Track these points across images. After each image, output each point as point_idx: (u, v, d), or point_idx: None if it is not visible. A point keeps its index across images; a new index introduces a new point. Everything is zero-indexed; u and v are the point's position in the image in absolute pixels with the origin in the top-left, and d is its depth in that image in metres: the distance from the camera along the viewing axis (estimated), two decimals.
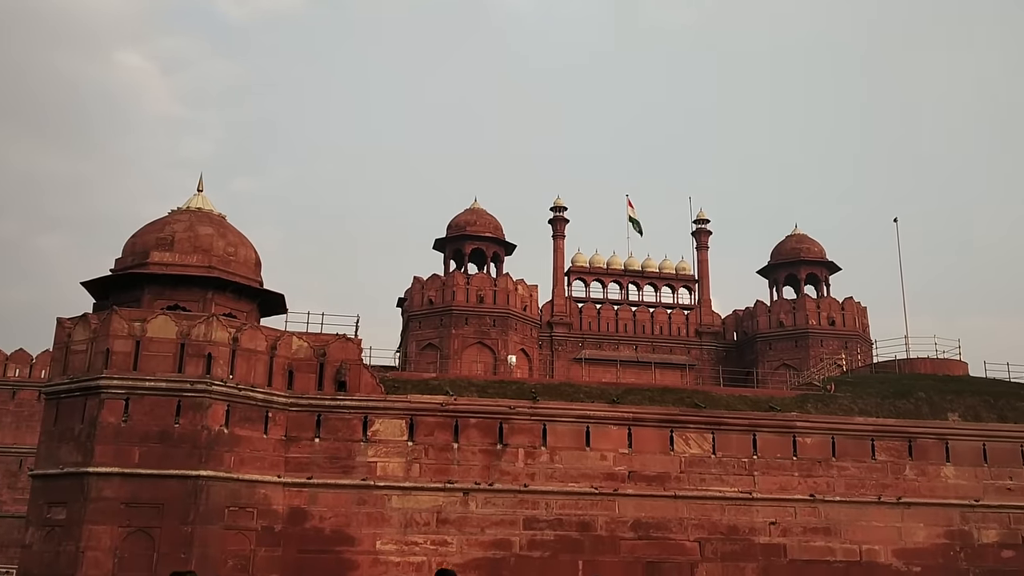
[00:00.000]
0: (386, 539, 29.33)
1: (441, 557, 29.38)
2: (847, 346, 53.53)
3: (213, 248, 32.16)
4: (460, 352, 50.33)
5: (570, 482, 30.89)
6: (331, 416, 30.18)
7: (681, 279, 59.82)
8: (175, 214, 33.25)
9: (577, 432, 31.53)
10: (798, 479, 32.32)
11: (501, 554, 29.86)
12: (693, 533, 31.16)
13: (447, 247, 54.97)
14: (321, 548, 28.85)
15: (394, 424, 30.50)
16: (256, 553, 28.03)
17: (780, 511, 31.84)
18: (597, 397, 32.84)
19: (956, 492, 33.13)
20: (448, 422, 30.87)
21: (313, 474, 29.40)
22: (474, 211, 55.40)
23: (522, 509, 30.39)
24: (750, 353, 55.78)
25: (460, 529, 29.85)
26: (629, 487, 31.18)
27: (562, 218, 58.18)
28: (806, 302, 55.24)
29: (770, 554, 31.33)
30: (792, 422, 32.98)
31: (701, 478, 31.80)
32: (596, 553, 30.34)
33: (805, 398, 34.99)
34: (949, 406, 35.25)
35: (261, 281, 33.58)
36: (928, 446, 33.53)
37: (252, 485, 28.42)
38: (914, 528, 32.46)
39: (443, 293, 51.84)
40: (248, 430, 28.76)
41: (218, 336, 28.81)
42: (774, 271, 58.17)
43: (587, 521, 30.63)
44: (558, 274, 57.52)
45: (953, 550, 32.47)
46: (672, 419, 32.24)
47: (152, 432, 27.47)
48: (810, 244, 57.94)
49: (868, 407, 34.63)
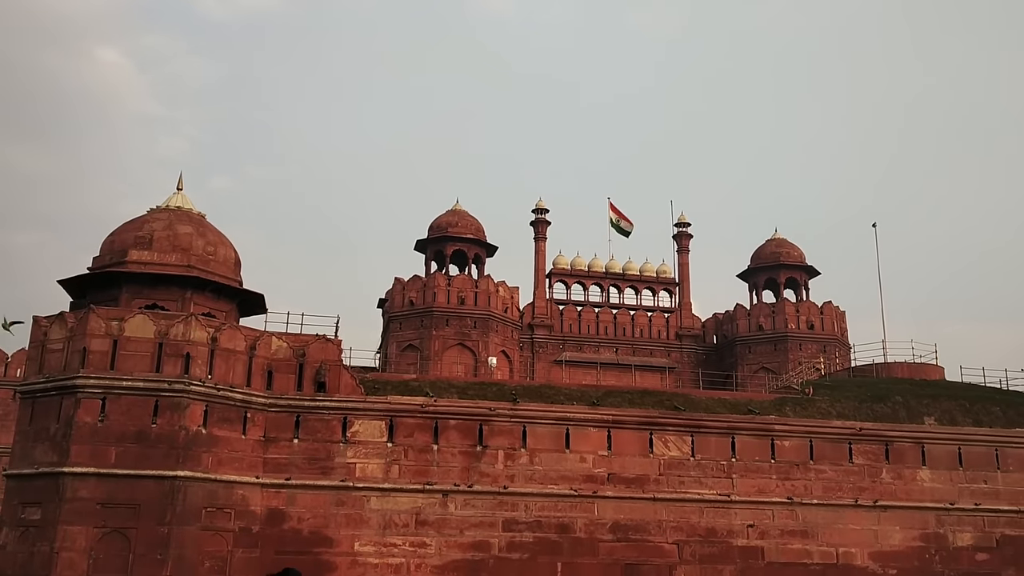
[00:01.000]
0: (365, 540, 29.24)
1: (420, 559, 29.36)
2: (825, 350, 53.88)
3: (192, 247, 31.97)
4: (441, 353, 50.26)
5: (549, 484, 30.92)
6: (310, 417, 30.05)
7: (662, 282, 60.02)
8: (154, 212, 33.01)
9: (557, 434, 31.56)
10: (776, 482, 32.49)
11: (480, 556, 29.84)
12: (671, 535, 31.26)
13: (428, 248, 54.91)
14: (299, 549, 28.70)
15: (374, 425, 30.41)
16: (233, 554, 27.85)
17: (758, 514, 32.00)
18: (577, 399, 32.89)
19: (932, 495, 33.41)
20: (428, 423, 30.82)
21: (292, 475, 29.26)
22: (456, 212, 55.37)
23: (501, 511, 30.38)
24: (730, 356, 56.04)
25: (439, 531, 29.80)
26: (608, 489, 31.25)
27: (544, 220, 58.25)
28: (785, 306, 55.57)
29: (748, 556, 31.48)
30: (770, 425, 33.15)
31: (680, 480, 31.91)
32: (575, 555, 30.38)
33: (784, 401, 35.19)
34: (926, 410, 35.56)
35: (241, 281, 33.40)
36: (905, 449, 33.81)
37: (230, 486, 28.24)
38: (890, 531, 32.71)
39: (424, 294, 51.77)
40: (226, 430, 28.58)
41: (197, 336, 28.63)
42: (754, 275, 58.48)
43: (566, 523, 30.66)
44: (539, 276, 57.59)
45: (928, 553, 32.75)
46: (652, 421, 32.34)
47: (129, 432, 27.25)
48: (790, 248, 58.30)
49: (846, 410, 34.89)
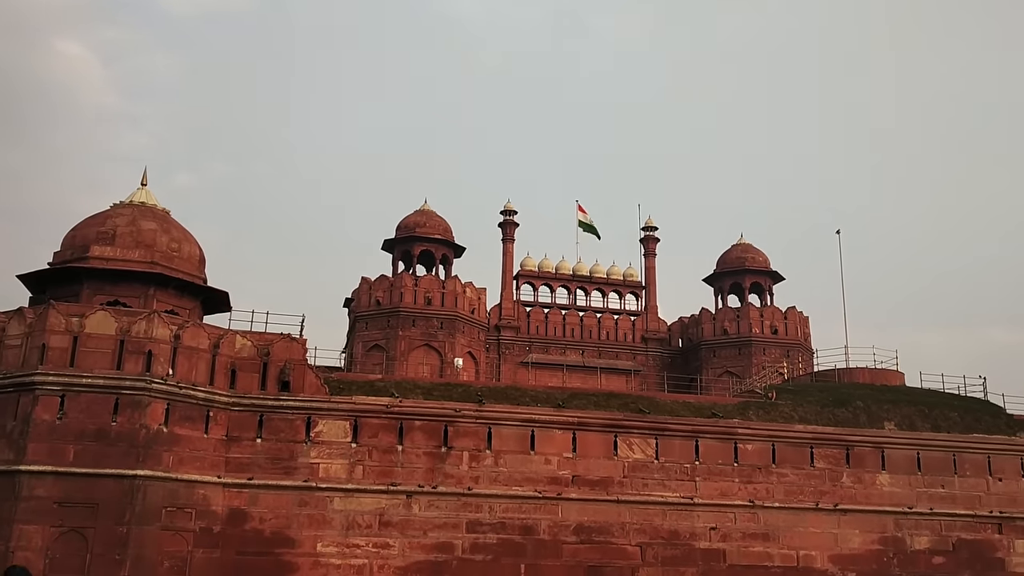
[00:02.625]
0: (327, 541, 29.06)
1: (383, 560, 29.24)
2: (789, 355, 54.35)
3: (156, 243, 31.63)
4: (407, 354, 50.06)
5: (514, 486, 30.93)
6: (274, 416, 29.82)
7: (628, 285, 60.28)
8: (117, 208, 32.62)
9: (522, 436, 31.58)
10: (739, 485, 32.77)
11: (443, 557, 29.77)
12: (635, 538, 31.41)
13: (396, 248, 54.67)
14: (260, 550, 28.46)
15: (338, 425, 30.24)
16: (193, 555, 27.56)
17: (720, 516, 32.26)
18: (543, 401, 32.96)
19: (891, 499, 33.90)
20: (393, 424, 30.71)
21: (254, 475, 29.01)
22: (424, 212, 55.17)
23: (465, 512, 30.35)
24: (695, 360, 56.40)
25: (403, 532, 29.70)
26: (572, 491, 31.33)
27: (512, 222, 58.27)
28: (750, 311, 56.04)
29: (710, 559, 31.72)
30: (734, 429, 33.44)
31: (644, 483, 32.07)
32: (538, 557, 30.42)
33: (747, 405, 35.51)
34: (886, 415, 36.07)
35: (205, 278, 33.09)
36: (865, 454, 34.26)
37: (191, 485, 27.93)
38: (850, 534, 33.13)
39: (391, 294, 51.53)
40: (188, 429, 28.27)
41: (159, 333, 28.30)
42: (719, 279, 58.91)
43: (530, 525, 30.70)
44: (507, 278, 57.56)
45: (887, 556, 33.22)
46: (616, 424, 32.48)
47: (88, 430, 26.88)
48: (755, 254, 58.79)
49: (808, 415, 35.28)
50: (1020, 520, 34.83)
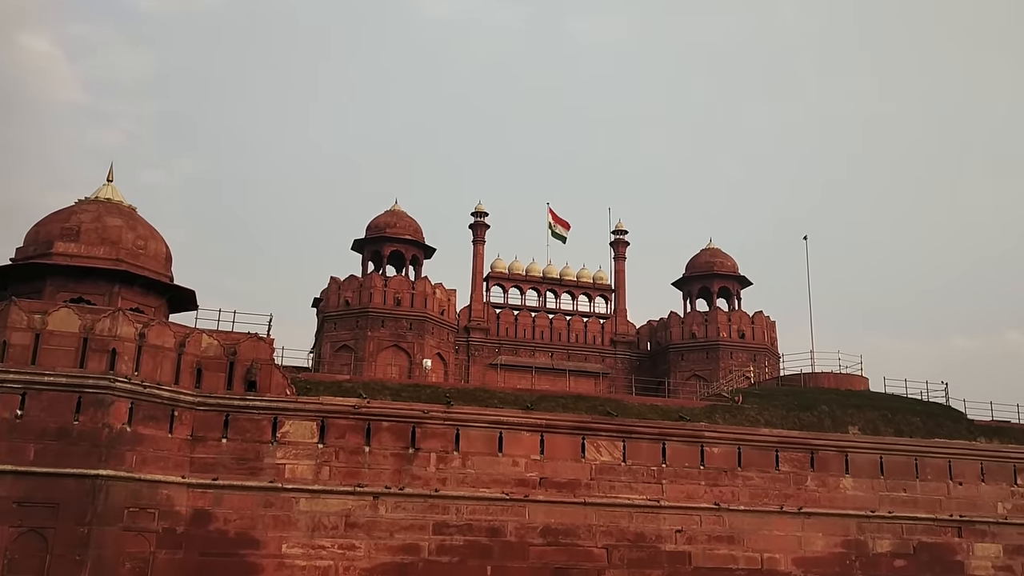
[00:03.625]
0: (292, 543, 28.87)
1: (348, 561, 29.10)
2: (756, 359, 54.84)
3: (122, 240, 31.25)
4: (375, 355, 49.84)
5: (481, 487, 30.92)
6: (240, 416, 29.58)
7: (598, 288, 60.45)
8: (83, 204, 32.21)
9: (490, 437, 31.58)
10: (704, 488, 33.00)
11: (410, 559, 29.68)
12: (601, 540, 31.50)
13: (366, 248, 54.43)
14: (225, 551, 28.21)
15: (305, 426, 30.06)
16: (156, 556, 27.25)
17: (686, 519, 32.46)
18: (511, 403, 32.96)
19: (854, 503, 34.30)
20: (360, 425, 30.57)
21: (219, 475, 28.75)
22: (394, 213, 54.97)
23: (432, 514, 30.28)
24: (663, 363, 56.68)
25: (369, 533, 29.56)
26: (540, 493, 31.36)
27: (483, 223, 58.24)
28: (718, 315, 56.42)
29: (675, 561, 31.90)
30: (700, 432, 33.66)
31: (611, 485, 32.19)
32: (505, 559, 30.42)
33: (714, 409, 35.75)
34: (850, 419, 36.47)
35: (171, 276, 32.76)
36: (829, 458, 34.64)
37: (154, 485, 27.61)
38: (813, 537, 33.47)
39: (360, 294, 51.29)
40: (152, 429, 27.95)
41: (124, 331, 27.97)
42: (688, 283, 59.28)
43: (497, 527, 30.69)
44: (477, 279, 57.53)
45: (849, 559, 33.60)
46: (584, 426, 32.57)
47: (50, 429, 26.47)
48: (723, 258, 59.23)
49: (773, 419, 35.59)
50: (979, 524, 35.39)
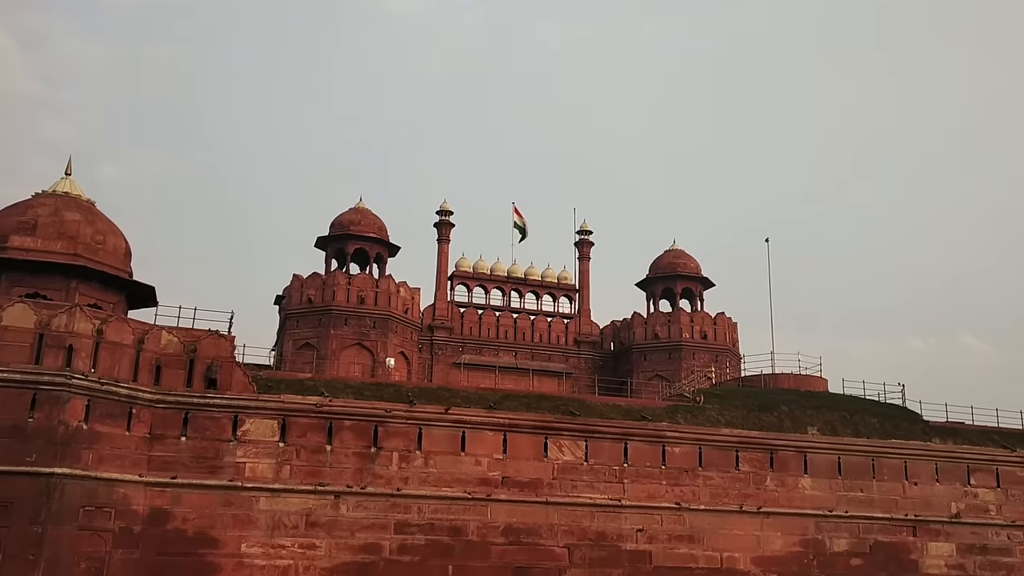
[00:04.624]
0: (252, 542, 28.63)
1: (309, 561, 28.91)
2: (717, 359, 55.32)
3: (80, 235, 30.81)
4: (338, 353, 49.53)
5: (444, 487, 30.87)
6: (199, 414, 29.26)
7: (562, 288, 60.61)
8: (39, 197, 31.71)
9: (453, 437, 31.55)
10: (666, 487, 33.24)
11: (371, 558, 29.56)
12: (563, 539, 31.61)
13: (329, 246, 54.06)
14: (182, 550, 27.89)
15: (265, 424, 29.82)
16: (112, 555, 26.86)
17: (647, 518, 32.67)
18: (474, 402, 32.94)
19: (812, 502, 34.74)
20: (322, 424, 30.39)
21: (177, 474, 28.42)
22: (359, 210, 54.65)
23: (394, 513, 30.18)
24: (626, 363, 56.97)
25: (330, 532, 29.40)
26: (502, 493, 31.39)
27: (448, 222, 58.12)
28: (680, 316, 56.83)
29: (636, 560, 32.09)
30: (662, 432, 33.90)
31: (573, 485, 32.30)
32: (467, 558, 30.40)
33: (675, 409, 36.01)
34: (809, 420, 36.93)
35: (130, 272, 32.35)
36: (788, 458, 35.06)
37: (111, 484, 27.21)
38: (772, 537, 33.86)
39: (323, 292, 50.95)
40: (109, 426, 27.55)
41: (81, 327, 27.53)
42: (651, 284, 59.63)
43: (459, 526, 30.66)
44: (441, 278, 57.38)
45: (807, 558, 34.03)
46: (547, 426, 32.65)
47: (3, 426, 26.00)
48: (687, 260, 59.67)
49: (734, 419, 35.93)
50: (934, 523, 36.03)
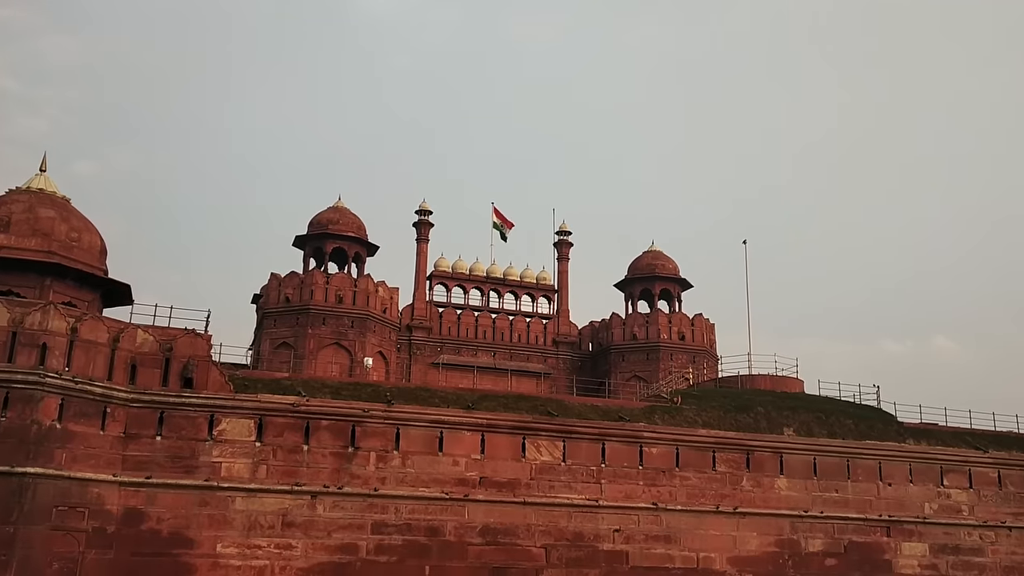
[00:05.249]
0: (228, 542, 28.45)
1: (285, 561, 28.77)
2: (695, 360, 55.55)
3: (54, 232, 30.53)
4: (316, 352, 49.33)
5: (421, 487, 30.82)
6: (175, 414, 29.04)
7: (541, 289, 60.66)
8: (13, 194, 31.40)
9: (430, 437, 31.50)
10: (643, 488, 33.35)
11: (347, 558, 29.46)
12: (540, 539, 31.64)
13: (307, 245, 53.82)
14: (157, 551, 27.68)
15: (242, 424, 29.64)
16: (85, 556, 26.63)
17: (624, 519, 32.76)
18: (453, 402, 32.92)
19: (787, 503, 34.98)
20: (299, 423, 30.25)
21: (152, 473, 28.20)
22: (337, 209, 54.46)
23: (371, 513, 30.09)
24: (604, 364, 57.11)
25: (306, 533, 29.27)
26: (480, 493, 31.38)
27: (427, 222, 58.02)
28: (659, 317, 57.03)
29: (613, 561, 32.18)
30: (639, 432, 34.01)
31: (550, 485, 32.35)
32: (444, 558, 30.37)
33: (653, 409, 36.14)
34: (785, 421, 37.19)
35: (106, 270, 32.08)
36: (764, 459, 35.27)
37: (84, 484, 26.97)
38: (748, 537, 34.05)
39: (301, 291, 50.73)
40: (83, 426, 27.30)
41: (55, 325, 27.27)
42: (630, 285, 59.82)
43: (436, 526, 30.63)
44: (420, 278, 57.29)
45: (782, 558, 34.26)
46: (525, 426, 32.68)
47: None
48: (665, 261, 59.90)
49: (711, 420, 36.11)
50: (907, 524, 36.38)
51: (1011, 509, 38.11)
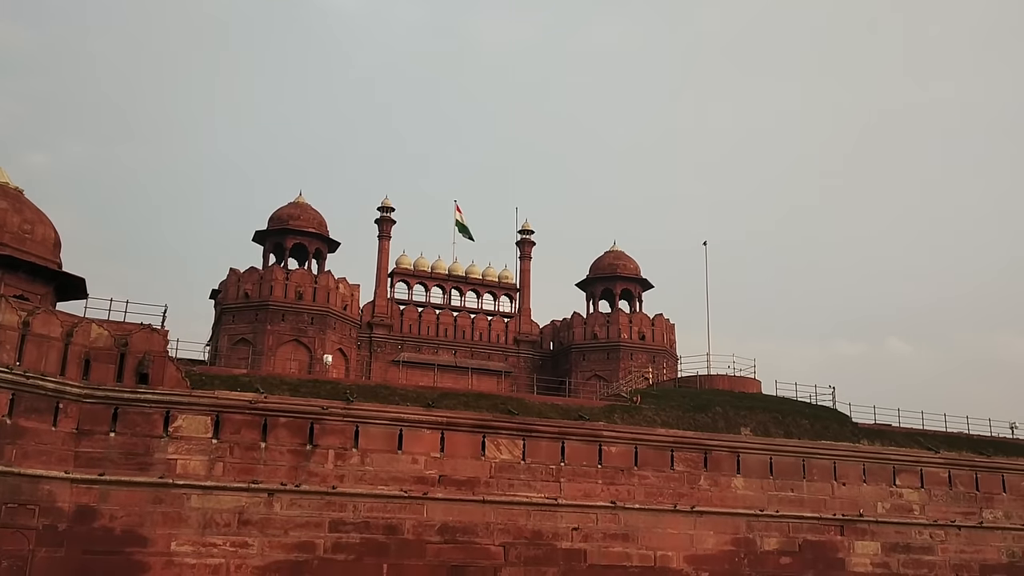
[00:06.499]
0: (182, 540, 28.08)
1: (240, 559, 28.47)
2: (655, 360, 55.98)
3: (6, 224, 29.92)
4: (275, 349, 48.95)
5: (380, 485, 30.67)
6: (130, 410, 28.60)
7: (503, 287, 60.73)
8: None
9: (390, 435, 31.36)
10: (602, 486, 33.49)
11: (304, 557, 29.22)
12: (499, 538, 31.64)
13: (268, 240, 53.32)
14: (109, 549, 27.24)
15: (198, 420, 29.27)
16: (35, 554, 26.11)
17: (583, 517, 32.88)
18: (413, 400, 32.80)
19: (744, 502, 35.34)
20: (257, 420, 29.95)
21: (106, 470, 27.74)
22: (298, 205, 54.01)
23: (329, 511, 29.88)
24: (565, 363, 57.31)
25: (262, 531, 28.99)
26: (439, 491, 31.31)
27: (389, 219, 57.77)
28: (619, 316, 57.36)
29: (571, 559, 32.28)
30: (599, 431, 34.15)
31: (510, 483, 32.36)
32: (402, 557, 30.25)
33: (613, 408, 36.32)
34: (743, 421, 37.57)
35: (60, 263, 31.49)
36: (721, 458, 35.60)
37: (35, 481, 26.44)
38: (705, 535, 34.34)
39: (260, 287, 50.27)
40: (35, 421, 26.77)
41: (6, 319, 26.73)
42: (592, 285, 60.10)
43: (394, 524, 30.49)
44: (381, 275, 57.06)
45: (738, 556, 34.60)
46: (485, 424, 32.66)
47: None
48: (626, 261, 60.25)
49: (670, 419, 36.37)
50: (860, 523, 36.93)
51: (960, 509, 38.87)
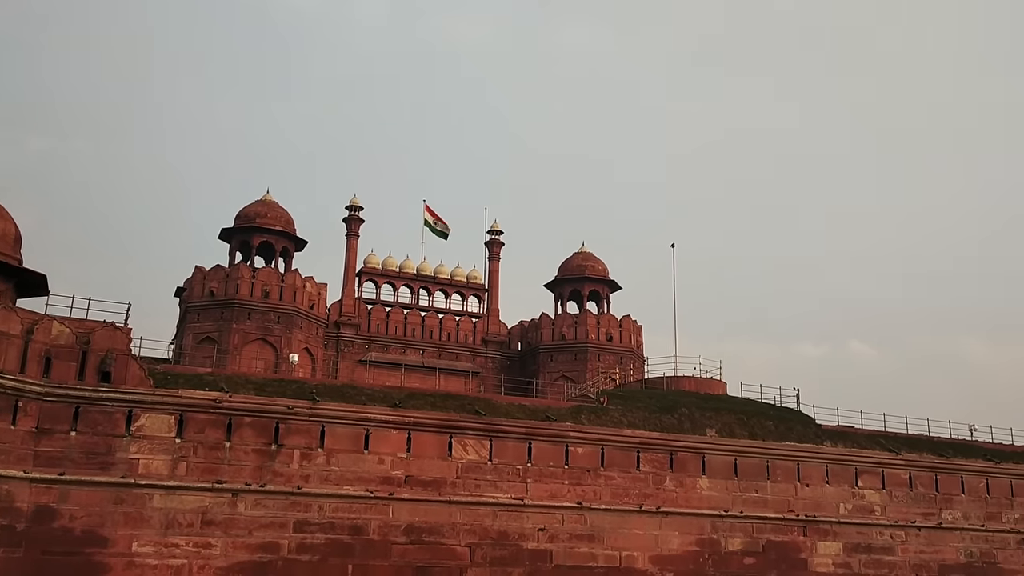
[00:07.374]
0: (144, 541, 27.73)
1: (203, 560, 28.18)
2: (622, 361, 56.22)
3: None
4: (240, 348, 48.51)
5: (346, 485, 30.50)
6: (91, 409, 28.19)
7: (472, 287, 60.69)
8: None
9: (356, 435, 31.20)
10: (568, 487, 33.56)
11: (268, 557, 28.98)
12: (464, 538, 31.59)
13: (234, 238, 52.84)
14: (69, 550, 26.84)
15: (161, 420, 28.93)
16: None
17: (549, 518, 32.92)
18: (380, 400, 32.67)
19: (708, 503, 35.59)
20: (221, 420, 29.65)
21: (66, 470, 27.32)
22: (265, 203, 53.58)
23: (294, 511, 29.67)
24: (532, 363, 57.38)
25: (226, 531, 28.70)
26: (405, 491, 31.19)
27: (357, 218, 57.48)
28: (587, 317, 57.55)
29: (537, 559, 32.31)
30: (566, 432, 34.22)
31: (476, 484, 32.32)
32: (367, 557, 30.10)
33: (580, 409, 36.42)
34: (708, 422, 37.84)
35: (20, 259, 30.97)
36: (687, 459, 35.82)
37: None
38: (670, 536, 34.53)
39: (226, 285, 49.79)
40: None
41: None
42: (560, 286, 60.25)
43: (360, 525, 30.34)
44: (349, 274, 56.76)
45: (703, 556, 34.83)
46: (452, 425, 32.60)
47: None
48: (595, 262, 60.46)
49: (636, 420, 36.54)
50: (823, 523, 37.32)
51: (921, 509, 39.43)
